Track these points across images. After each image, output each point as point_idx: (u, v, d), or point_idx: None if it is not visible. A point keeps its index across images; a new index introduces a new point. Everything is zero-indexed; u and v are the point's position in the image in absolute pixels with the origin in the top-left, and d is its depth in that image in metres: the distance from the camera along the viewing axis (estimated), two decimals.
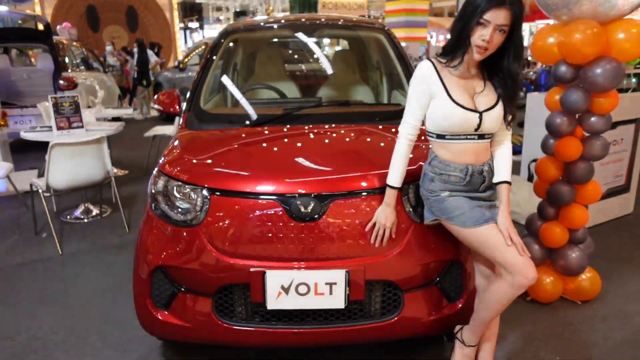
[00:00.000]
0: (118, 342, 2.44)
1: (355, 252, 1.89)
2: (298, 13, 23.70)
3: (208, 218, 1.92)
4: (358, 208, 1.90)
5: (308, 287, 1.85)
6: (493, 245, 1.73)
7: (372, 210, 1.89)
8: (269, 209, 1.88)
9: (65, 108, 3.94)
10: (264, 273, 1.84)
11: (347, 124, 2.49)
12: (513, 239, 1.74)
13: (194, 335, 2.01)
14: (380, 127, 2.48)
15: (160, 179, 2.08)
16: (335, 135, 2.38)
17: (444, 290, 2.03)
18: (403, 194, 1.94)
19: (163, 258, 1.97)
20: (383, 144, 2.23)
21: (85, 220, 4.21)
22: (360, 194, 1.92)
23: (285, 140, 2.36)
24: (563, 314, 2.66)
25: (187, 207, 1.98)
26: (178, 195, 2.02)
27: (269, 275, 1.84)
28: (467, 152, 1.78)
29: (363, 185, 1.93)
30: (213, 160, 2.16)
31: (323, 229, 1.86)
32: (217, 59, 3.03)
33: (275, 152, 2.26)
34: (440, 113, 1.75)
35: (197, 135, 2.48)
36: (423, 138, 1.92)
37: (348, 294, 1.86)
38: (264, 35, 3.60)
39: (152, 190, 2.09)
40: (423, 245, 1.94)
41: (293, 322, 1.94)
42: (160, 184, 2.07)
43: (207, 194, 1.94)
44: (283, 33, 3.52)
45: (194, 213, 1.95)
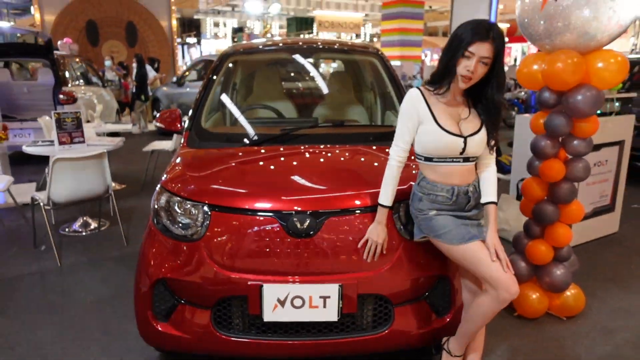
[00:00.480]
0: (118, 352, 2.50)
1: (349, 267, 1.98)
2: (295, 31, 24.09)
3: (208, 233, 2.02)
4: (351, 225, 2.01)
5: (303, 300, 1.94)
6: (478, 261, 1.84)
7: (364, 227, 1.99)
8: (267, 225, 1.98)
9: (68, 123, 4.04)
10: (261, 286, 1.93)
11: (341, 144, 2.61)
12: (499, 256, 1.86)
13: (193, 347, 2.08)
14: (374, 147, 2.59)
15: (163, 195, 2.18)
16: (330, 155, 2.49)
17: (433, 305, 2.12)
18: (394, 212, 2.05)
19: (164, 271, 2.05)
20: (376, 164, 2.34)
21: (84, 234, 4.27)
22: (354, 212, 2.02)
23: (283, 160, 2.47)
24: (548, 329, 2.76)
25: (188, 222, 2.07)
26: (180, 211, 2.11)
27: (266, 289, 1.93)
28: (453, 173, 1.90)
29: (356, 204, 2.03)
30: (214, 178, 2.26)
31: (318, 245, 1.96)
32: (217, 80, 3.15)
33: (273, 170, 2.36)
34: (428, 137, 1.88)
35: (198, 154, 2.58)
36: (413, 158, 2.04)
37: (341, 307, 1.95)
38: (263, 58, 3.74)
39: (155, 206, 2.19)
40: (413, 261, 2.04)
41: (288, 334, 2.03)
42: (163, 200, 2.17)
43: (208, 210, 2.04)
44: (281, 56, 3.66)
45: (195, 228, 2.05)
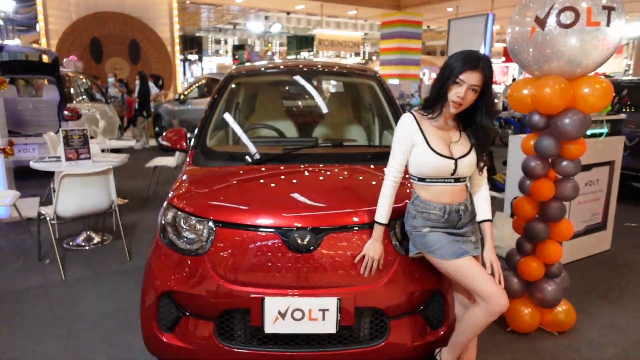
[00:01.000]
0: None
1: (347, 281, 2.08)
2: (295, 49, 24.48)
3: (213, 248, 2.11)
4: (350, 241, 2.11)
5: (303, 312, 2.03)
6: (469, 276, 1.94)
7: (362, 243, 2.09)
8: (269, 241, 2.08)
9: (75, 140, 4.16)
10: (263, 299, 2.02)
11: (340, 164, 2.72)
12: (495, 271, 1.97)
13: (196, 357, 2.16)
14: (372, 166, 2.71)
15: (170, 211, 2.28)
16: (330, 174, 2.61)
17: (427, 318, 2.21)
18: (390, 229, 2.15)
19: (170, 284, 2.14)
20: (374, 183, 2.44)
21: (87, 248, 4.35)
22: (352, 229, 2.12)
23: (284, 178, 2.58)
24: (540, 344, 2.84)
25: (194, 237, 2.17)
26: (186, 227, 2.21)
27: (268, 301, 2.02)
28: (445, 193, 2.02)
29: (354, 221, 2.14)
30: (219, 196, 2.36)
31: (317, 260, 2.06)
32: (222, 100, 3.28)
33: (275, 188, 2.47)
34: (421, 159, 2.00)
35: (203, 172, 2.70)
36: (407, 176, 2.15)
37: (339, 320, 2.03)
38: (266, 80, 3.88)
39: (162, 221, 2.29)
40: (408, 276, 2.14)
41: (288, 345, 2.11)
42: (170, 216, 2.27)
43: (213, 226, 2.14)
44: (283, 78, 3.80)
45: (200, 243, 2.15)
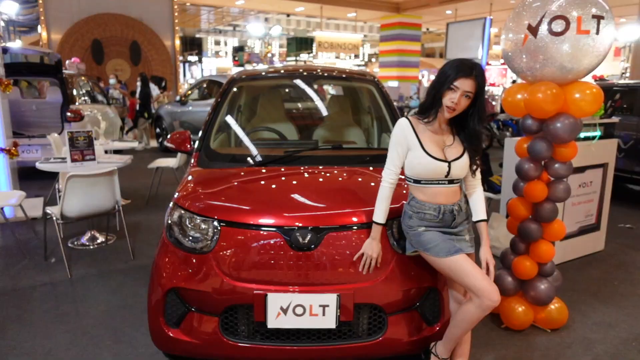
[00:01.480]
0: (128, 358, 2.66)
1: (346, 278, 2.17)
2: (295, 51, 24.60)
3: (217, 246, 2.21)
4: (349, 240, 2.20)
5: (304, 308, 2.13)
6: (463, 272, 2.03)
7: (361, 242, 2.18)
8: (272, 239, 2.18)
9: (80, 142, 4.25)
10: (266, 295, 2.11)
11: (339, 166, 2.82)
12: (490, 269, 2.07)
13: (201, 351, 2.26)
14: (370, 168, 2.80)
15: (176, 211, 2.38)
16: (330, 176, 2.70)
17: (424, 314, 2.31)
18: (388, 229, 2.25)
19: (176, 281, 2.24)
20: (372, 184, 2.54)
21: (91, 247, 4.44)
22: (351, 228, 2.22)
23: (286, 179, 2.67)
24: (533, 340, 2.93)
25: (199, 236, 2.27)
26: (191, 226, 2.30)
27: (270, 298, 2.12)
28: (439, 194, 2.11)
29: (354, 220, 2.23)
30: (223, 196, 2.46)
31: (318, 258, 2.15)
32: (225, 104, 3.38)
33: (278, 189, 2.56)
34: (416, 162, 2.09)
35: (208, 173, 2.79)
36: (404, 177, 2.24)
37: (339, 316, 2.13)
38: (267, 84, 3.98)
39: (168, 221, 2.38)
40: (405, 274, 2.24)
41: (290, 340, 2.21)
42: (176, 216, 2.36)
43: (217, 225, 2.23)
44: (284, 82, 3.89)
45: (205, 242, 2.24)
